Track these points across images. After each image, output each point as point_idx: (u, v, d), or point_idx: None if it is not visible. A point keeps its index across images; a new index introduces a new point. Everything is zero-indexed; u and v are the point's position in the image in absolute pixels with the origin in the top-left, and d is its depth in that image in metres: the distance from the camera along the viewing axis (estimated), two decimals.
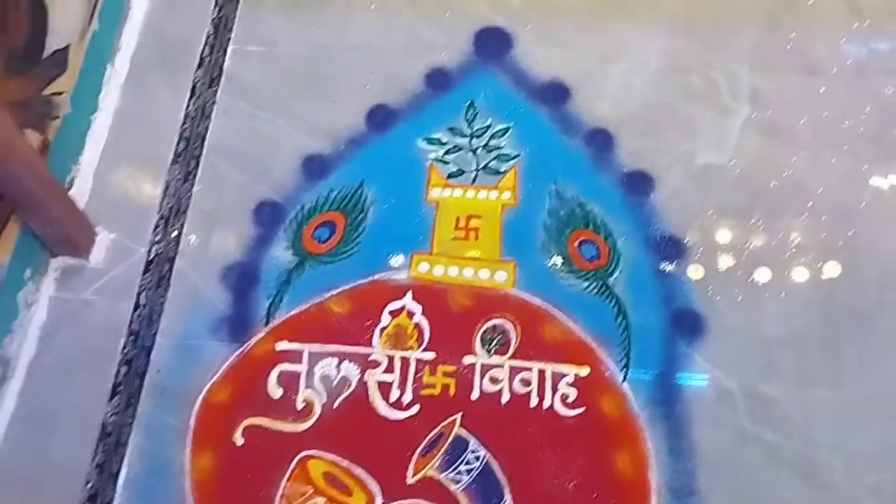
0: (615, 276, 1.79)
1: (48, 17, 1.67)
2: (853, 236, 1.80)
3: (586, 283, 1.79)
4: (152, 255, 1.75)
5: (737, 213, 1.84)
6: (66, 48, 1.72)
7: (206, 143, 1.96)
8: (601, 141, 1.93)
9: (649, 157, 1.91)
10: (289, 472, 1.64)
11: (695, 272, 1.78)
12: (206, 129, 1.98)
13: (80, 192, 1.75)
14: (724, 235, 1.82)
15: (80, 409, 1.59)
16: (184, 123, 1.90)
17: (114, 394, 1.62)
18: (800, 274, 1.78)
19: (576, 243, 1.83)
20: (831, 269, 1.78)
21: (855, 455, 1.60)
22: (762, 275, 1.78)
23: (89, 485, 1.54)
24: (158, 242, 1.78)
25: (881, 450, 1.61)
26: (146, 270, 1.74)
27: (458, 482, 1.62)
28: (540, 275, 1.81)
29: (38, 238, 1.60)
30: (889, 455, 1.60)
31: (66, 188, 1.69)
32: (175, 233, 1.83)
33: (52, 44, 1.68)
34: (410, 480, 1.63)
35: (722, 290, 1.76)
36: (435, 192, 1.91)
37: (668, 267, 1.79)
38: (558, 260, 1.81)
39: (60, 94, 1.70)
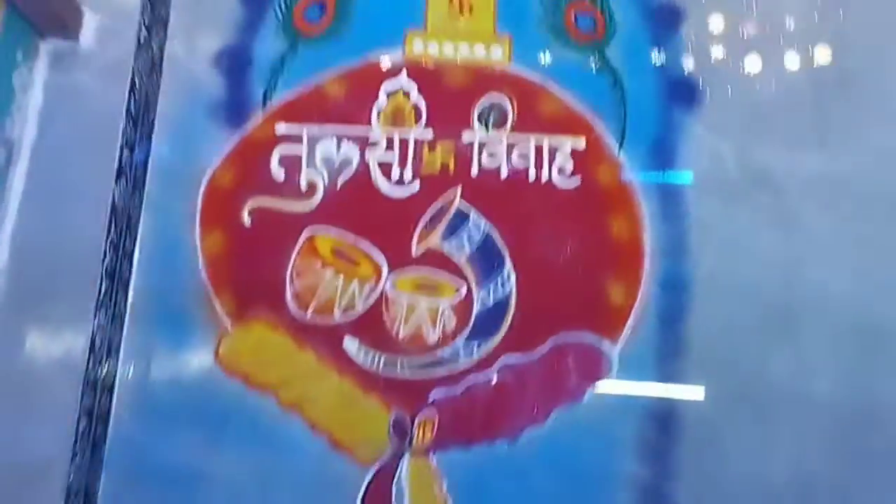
0: (611, 47, 1.78)
1: None
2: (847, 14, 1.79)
3: (582, 56, 1.78)
4: (142, 39, 1.71)
5: None
6: None
7: None
8: None
9: None
10: (297, 248, 1.70)
11: (691, 42, 1.78)
12: None
13: None
14: (719, 14, 1.80)
15: (89, 190, 1.61)
16: None
17: (119, 176, 1.63)
18: (792, 48, 1.78)
19: (572, 15, 1.80)
20: (823, 48, 1.77)
21: (838, 209, 1.68)
22: (756, 51, 1.78)
23: (106, 261, 1.59)
24: (147, 26, 1.73)
25: (863, 203, 1.68)
26: (137, 55, 1.70)
27: (460, 252, 1.69)
28: (536, 49, 1.79)
29: (26, 19, 1.56)
30: (870, 208, 1.68)
31: None
32: (162, 16, 1.78)
33: None
34: (415, 252, 1.69)
35: (718, 58, 1.77)
36: None
37: (664, 36, 1.78)
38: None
39: None
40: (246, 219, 1.71)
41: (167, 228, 1.70)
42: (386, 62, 1.79)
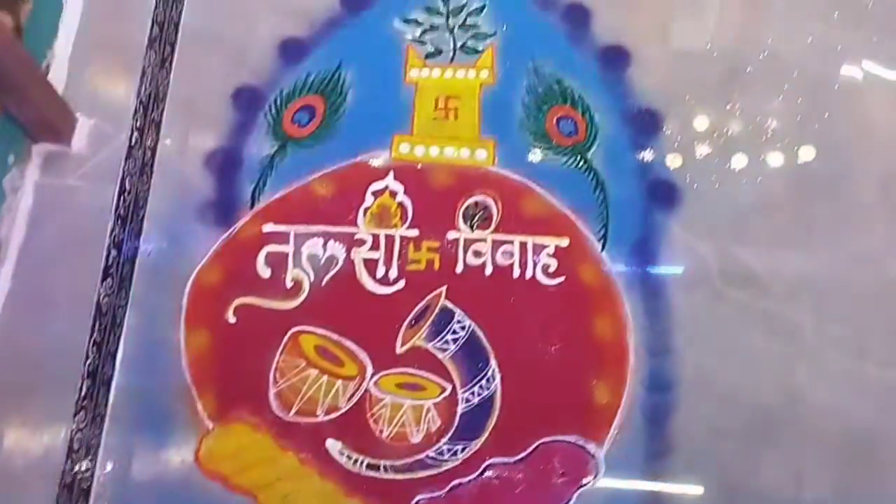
0: (593, 150, 1.82)
1: None
2: (828, 118, 1.83)
3: (565, 158, 1.82)
4: (134, 142, 1.76)
5: (713, 85, 1.87)
6: None
7: (180, 28, 1.94)
8: (578, 16, 1.93)
9: (626, 32, 1.91)
10: (281, 346, 1.69)
11: (670, 144, 1.82)
12: (180, 13, 1.95)
13: (57, 78, 1.73)
14: (701, 118, 1.85)
15: (74, 291, 1.62)
16: (156, 7, 1.87)
17: (105, 276, 1.65)
18: (774, 150, 1.82)
19: (554, 119, 1.85)
20: (805, 151, 1.81)
21: (821, 310, 1.68)
22: (737, 148, 1.82)
23: (88, 361, 1.59)
24: (139, 129, 1.78)
25: (845, 305, 1.68)
26: (128, 156, 1.74)
27: (444, 350, 1.69)
28: (519, 152, 1.83)
29: (18, 124, 1.60)
30: (853, 309, 1.68)
31: (43, 72, 1.67)
32: (154, 119, 1.83)
33: None
34: (399, 351, 1.69)
35: (699, 159, 1.81)
36: (413, 73, 1.91)
37: (645, 139, 1.82)
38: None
39: None
40: (231, 317, 1.71)
41: (152, 327, 1.70)
42: (373, 163, 1.83)
